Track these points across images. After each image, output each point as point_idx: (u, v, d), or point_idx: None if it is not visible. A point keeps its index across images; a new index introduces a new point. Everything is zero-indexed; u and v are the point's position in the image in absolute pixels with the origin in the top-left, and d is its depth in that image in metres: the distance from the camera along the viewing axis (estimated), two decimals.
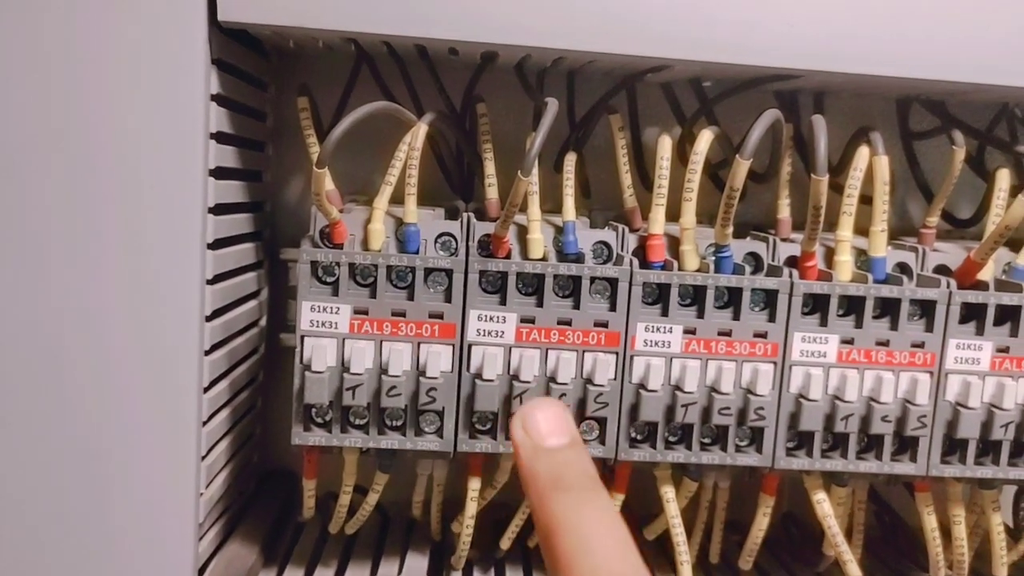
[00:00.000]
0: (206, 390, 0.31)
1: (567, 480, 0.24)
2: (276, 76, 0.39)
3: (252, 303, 0.37)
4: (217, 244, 0.31)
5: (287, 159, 0.40)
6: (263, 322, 0.39)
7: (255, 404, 0.39)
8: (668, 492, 0.33)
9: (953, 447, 0.32)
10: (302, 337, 0.30)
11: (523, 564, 0.37)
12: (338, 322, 0.30)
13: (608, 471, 0.33)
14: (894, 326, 0.31)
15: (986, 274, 0.31)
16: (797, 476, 0.33)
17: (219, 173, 0.31)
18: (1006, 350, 0.31)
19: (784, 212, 0.34)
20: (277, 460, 0.41)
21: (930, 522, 0.33)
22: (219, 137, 0.31)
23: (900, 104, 0.39)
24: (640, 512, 0.37)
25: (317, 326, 0.30)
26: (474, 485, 0.33)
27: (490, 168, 0.33)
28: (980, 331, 0.31)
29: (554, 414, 0.26)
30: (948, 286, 0.31)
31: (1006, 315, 0.31)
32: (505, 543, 0.35)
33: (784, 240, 0.33)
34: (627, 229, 0.32)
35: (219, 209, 0.31)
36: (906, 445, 0.32)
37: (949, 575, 0.35)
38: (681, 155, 0.36)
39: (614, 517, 0.23)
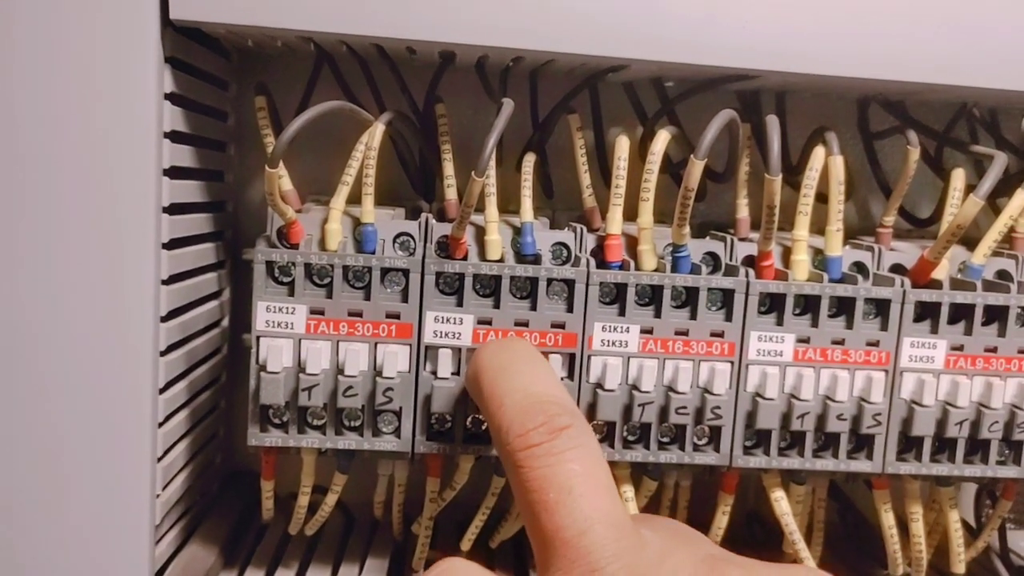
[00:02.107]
0: (162, 391, 0.31)
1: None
2: (237, 76, 0.39)
3: (213, 303, 0.37)
4: (173, 244, 0.31)
5: (250, 159, 0.39)
6: (225, 323, 0.39)
7: (217, 405, 0.39)
8: (627, 492, 0.33)
9: (909, 445, 0.32)
10: (257, 337, 0.30)
11: (486, 564, 0.37)
12: (294, 322, 0.30)
13: None
14: (849, 325, 0.31)
15: (941, 273, 0.31)
16: (759, 475, 0.33)
17: (175, 173, 0.31)
18: (960, 348, 0.31)
19: (743, 212, 0.34)
20: (241, 461, 0.41)
21: (888, 519, 0.34)
22: (174, 136, 0.31)
23: (861, 104, 0.39)
24: None
25: (273, 326, 0.30)
26: (432, 486, 0.33)
27: (449, 169, 0.33)
28: (934, 330, 0.31)
29: None
30: (902, 285, 0.31)
31: (960, 314, 0.32)
32: (466, 544, 0.34)
33: (742, 240, 0.33)
34: (585, 229, 0.32)
35: (175, 209, 0.31)
36: (862, 443, 0.32)
37: (908, 572, 0.35)
38: (643, 155, 0.36)
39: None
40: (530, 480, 0.22)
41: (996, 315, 0.32)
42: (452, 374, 0.30)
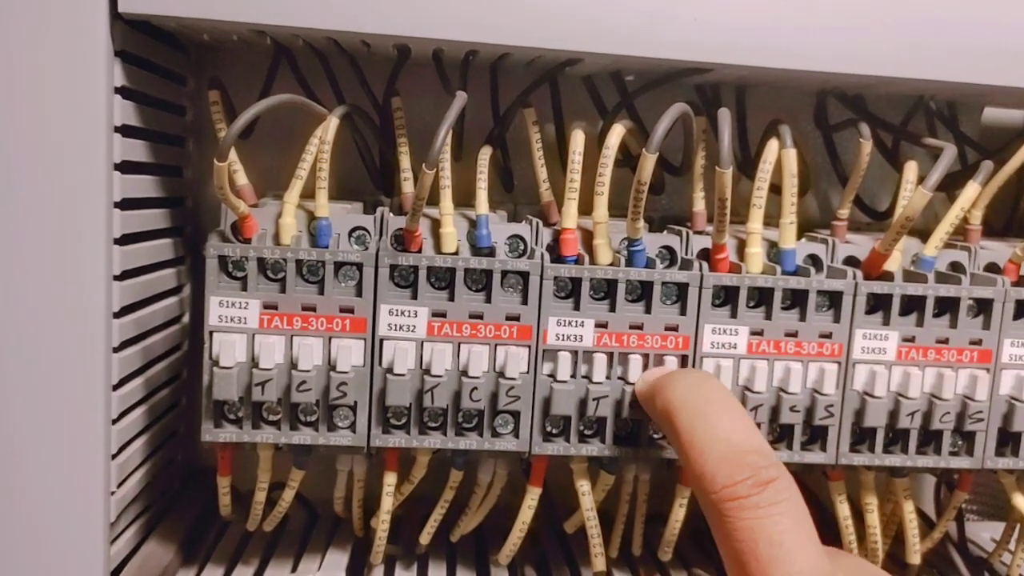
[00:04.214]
0: (116, 387, 0.31)
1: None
2: (195, 71, 0.38)
3: (172, 300, 0.37)
4: (127, 239, 0.31)
5: (209, 154, 0.39)
6: (186, 319, 0.39)
7: (178, 402, 0.39)
8: (584, 485, 0.33)
9: (862, 436, 0.32)
10: (210, 333, 0.30)
11: (447, 558, 0.37)
12: (247, 317, 0.30)
13: (525, 465, 0.33)
14: (802, 317, 0.31)
15: (893, 265, 0.32)
16: None
17: (127, 167, 0.31)
18: (912, 340, 0.32)
19: (699, 205, 0.34)
20: (204, 458, 0.41)
21: (843, 510, 0.34)
22: (126, 131, 0.30)
23: (819, 97, 0.39)
24: (564, 506, 0.37)
25: (226, 321, 0.30)
26: (390, 480, 0.32)
27: (405, 162, 0.33)
28: (886, 321, 0.32)
29: None
30: (854, 277, 0.31)
31: (912, 305, 0.32)
32: (425, 538, 0.34)
33: (698, 233, 0.33)
34: (541, 223, 0.32)
35: (128, 204, 0.31)
36: (816, 435, 0.32)
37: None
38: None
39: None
40: (739, 530, 0.23)
41: (948, 307, 0.32)
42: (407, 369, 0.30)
